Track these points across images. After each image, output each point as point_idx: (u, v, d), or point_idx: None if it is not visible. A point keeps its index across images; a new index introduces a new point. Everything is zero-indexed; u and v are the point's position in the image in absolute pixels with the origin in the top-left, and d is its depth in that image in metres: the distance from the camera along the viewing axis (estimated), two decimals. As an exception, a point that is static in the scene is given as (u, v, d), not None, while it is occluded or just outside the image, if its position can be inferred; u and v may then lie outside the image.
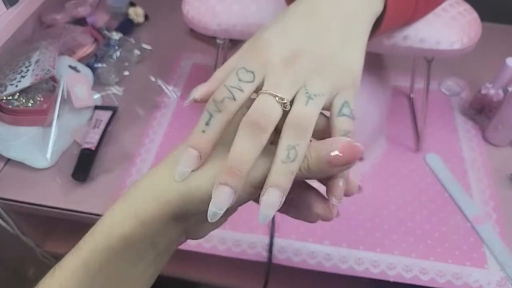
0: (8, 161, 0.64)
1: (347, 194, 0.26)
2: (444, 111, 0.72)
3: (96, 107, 0.70)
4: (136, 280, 0.25)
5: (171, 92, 0.74)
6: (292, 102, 0.24)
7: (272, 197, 0.22)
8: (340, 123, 0.25)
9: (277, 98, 0.24)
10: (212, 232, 0.29)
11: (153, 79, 0.75)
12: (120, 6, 0.87)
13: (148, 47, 0.82)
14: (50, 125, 0.64)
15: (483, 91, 0.67)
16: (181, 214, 0.24)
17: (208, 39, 0.83)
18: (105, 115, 0.68)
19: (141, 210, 0.24)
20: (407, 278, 0.52)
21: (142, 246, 0.24)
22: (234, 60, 0.27)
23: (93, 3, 0.85)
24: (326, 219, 0.28)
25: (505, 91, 0.65)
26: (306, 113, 0.24)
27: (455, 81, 0.76)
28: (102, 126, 0.66)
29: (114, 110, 0.70)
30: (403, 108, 0.72)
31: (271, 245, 0.55)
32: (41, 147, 0.63)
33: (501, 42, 0.79)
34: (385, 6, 0.32)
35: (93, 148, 0.63)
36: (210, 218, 0.23)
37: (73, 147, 0.65)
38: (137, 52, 0.80)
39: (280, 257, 0.55)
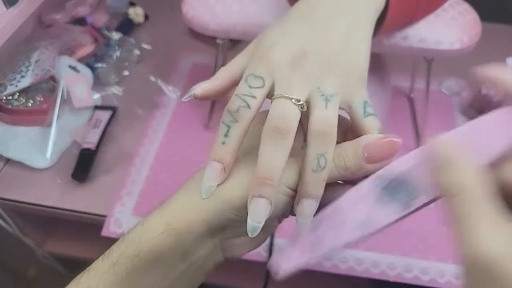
0: (7, 161, 0.64)
1: None
2: (444, 111, 0.72)
3: (96, 107, 0.70)
4: None
5: (171, 92, 0.74)
6: (307, 102, 0.24)
7: (307, 207, 0.23)
8: (370, 122, 0.25)
9: (293, 100, 0.23)
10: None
11: (152, 79, 0.75)
12: (120, 6, 0.87)
13: (148, 47, 0.81)
14: (50, 125, 0.64)
15: (484, 91, 0.67)
16: (216, 226, 0.24)
17: (208, 39, 0.82)
18: (105, 115, 0.68)
19: (176, 219, 0.24)
20: (407, 278, 0.52)
21: (172, 257, 0.24)
22: (237, 60, 0.27)
23: (93, 3, 0.85)
24: None
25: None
26: (328, 117, 0.23)
27: (455, 81, 0.76)
28: (102, 126, 0.66)
29: (113, 110, 0.70)
30: (403, 108, 0.72)
31: (271, 245, 0.55)
32: (40, 147, 0.63)
33: (501, 42, 0.79)
34: (387, 3, 0.32)
35: (93, 148, 0.63)
36: (250, 233, 0.22)
37: (73, 147, 0.65)
38: (137, 52, 0.80)
39: (280, 257, 0.54)
